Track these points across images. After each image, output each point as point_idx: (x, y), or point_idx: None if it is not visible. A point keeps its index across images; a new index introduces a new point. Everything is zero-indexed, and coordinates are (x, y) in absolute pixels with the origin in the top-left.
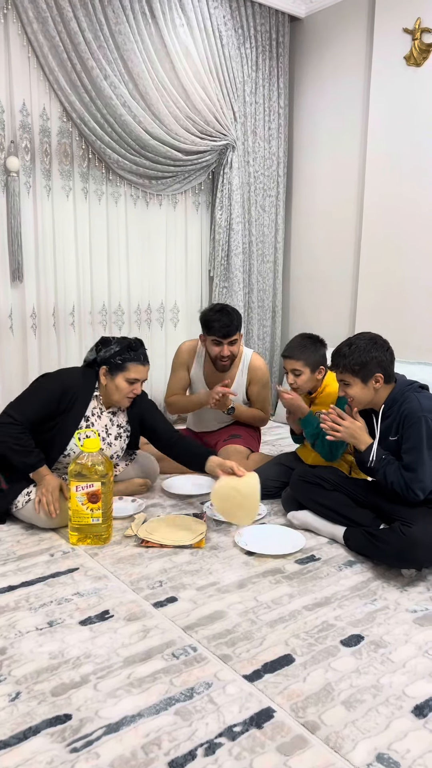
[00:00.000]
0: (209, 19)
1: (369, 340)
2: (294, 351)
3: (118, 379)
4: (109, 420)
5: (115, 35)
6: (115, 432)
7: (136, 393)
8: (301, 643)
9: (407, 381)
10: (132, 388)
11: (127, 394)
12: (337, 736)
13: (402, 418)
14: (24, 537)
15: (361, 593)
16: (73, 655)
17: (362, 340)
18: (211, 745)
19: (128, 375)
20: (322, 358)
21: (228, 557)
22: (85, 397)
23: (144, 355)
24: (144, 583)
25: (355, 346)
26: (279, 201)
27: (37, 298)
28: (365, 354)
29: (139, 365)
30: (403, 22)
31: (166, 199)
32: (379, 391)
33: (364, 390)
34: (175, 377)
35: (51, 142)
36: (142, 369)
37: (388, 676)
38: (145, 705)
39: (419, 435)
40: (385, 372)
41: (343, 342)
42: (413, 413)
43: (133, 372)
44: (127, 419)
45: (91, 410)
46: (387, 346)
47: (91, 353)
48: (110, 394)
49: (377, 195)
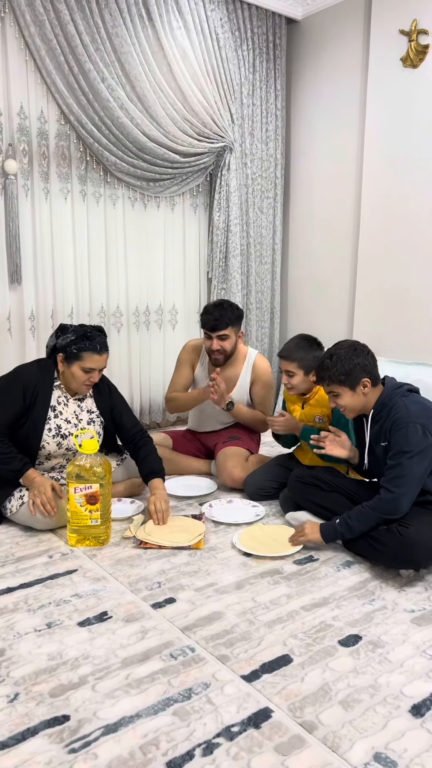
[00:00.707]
0: (206, 22)
1: (349, 348)
2: (289, 352)
3: (74, 367)
4: (77, 407)
5: (112, 38)
6: (86, 417)
7: (92, 381)
8: (299, 643)
9: (396, 384)
10: (88, 376)
11: (84, 382)
12: (334, 736)
13: (390, 424)
14: (23, 539)
15: (359, 593)
16: (72, 657)
17: (342, 350)
18: (209, 745)
19: (83, 364)
20: (316, 359)
21: (226, 558)
22: (46, 388)
23: (101, 344)
24: (142, 584)
25: (336, 357)
26: (277, 203)
27: (35, 301)
28: (348, 362)
29: (94, 354)
30: (400, 24)
31: (164, 201)
32: (369, 395)
33: (354, 397)
34: (178, 374)
35: (49, 145)
36: (98, 358)
37: (386, 675)
38: (143, 706)
39: (405, 441)
40: (370, 375)
41: (324, 355)
42: (401, 419)
43: (88, 361)
44: (96, 407)
45: (56, 400)
46: (367, 350)
47: (51, 339)
48: (68, 381)
49: (375, 196)
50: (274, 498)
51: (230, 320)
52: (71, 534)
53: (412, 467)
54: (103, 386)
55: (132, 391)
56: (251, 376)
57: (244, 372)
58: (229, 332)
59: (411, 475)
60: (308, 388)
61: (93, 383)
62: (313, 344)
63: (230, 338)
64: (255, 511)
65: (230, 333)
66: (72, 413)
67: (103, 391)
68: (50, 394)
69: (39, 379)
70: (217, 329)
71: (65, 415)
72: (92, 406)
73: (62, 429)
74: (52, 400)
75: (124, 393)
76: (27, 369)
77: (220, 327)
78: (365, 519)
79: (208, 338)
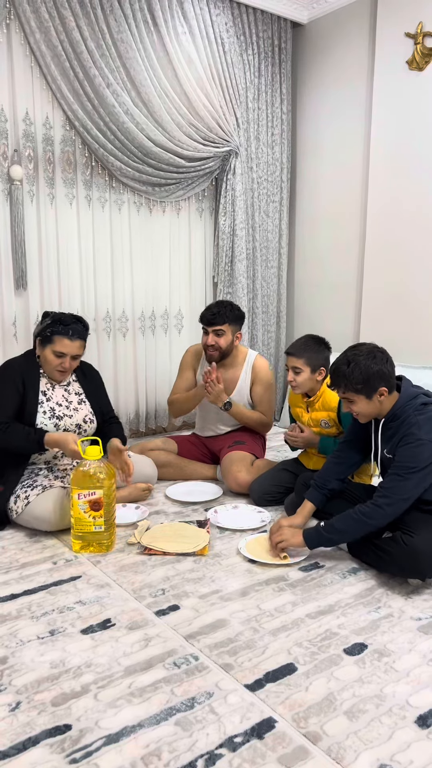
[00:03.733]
0: (211, 27)
1: (368, 355)
2: (297, 349)
3: (46, 350)
4: (64, 390)
5: (117, 43)
6: (75, 399)
7: (64, 367)
8: (303, 651)
9: (411, 392)
10: (60, 361)
11: (56, 367)
12: (339, 747)
13: (399, 440)
14: (27, 545)
15: (365, 601)
16: (74, 665)
17: (361, 356)
18: (211, 756)
19: (54, 347)
20: (325, 361)
21: (231, 565)
22: (33, 376)
23: (74, 331)
24: (146, 591)
25: (354, 364)
26: (282, 206)
27: (41, 306)
28: (366, 370)
29: (65, 339)
30: (405, 27)
31: (169, 206)
32: (384, 402)
33: (370, 405)
34: (181, 378)
35: (54, 151)
36: (69, 343)
37: (392, 685)
38: (145, 715)
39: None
40: (387, 384)
41: (340, 360)
42: (410, 436)
43: (58, 345)
44: (82, 389)
45: (44, 386)
46: (386, 357)
47: (36, 327)
48: (44, 366)
49: (381, 199)
50: (280, 503)
51: (228, 317)
52: (75, 540)
53: (414, 481)
54: (87, 370)
55: (138, 396)
56: (251, 377)
57: (243, 373)
58: (226, 329)
59: (411, 488)
60: (312, 387)
61: (65, 370)
62: (321, 344)
63: (226, 335)
64: (260, 516)
65: (227, 330)
66: (61, 396)
67: (88, 375)
68: (38, 381)
69: (25, 367)
70: (213, 323)
71: (55, 399)
72: (78, 388)
73: (56, 411)
74: (41, 386)
75: (129, 398)
76: (13, 360)
77: (217, 322)
78: (352, 525)
79: (205, 333)
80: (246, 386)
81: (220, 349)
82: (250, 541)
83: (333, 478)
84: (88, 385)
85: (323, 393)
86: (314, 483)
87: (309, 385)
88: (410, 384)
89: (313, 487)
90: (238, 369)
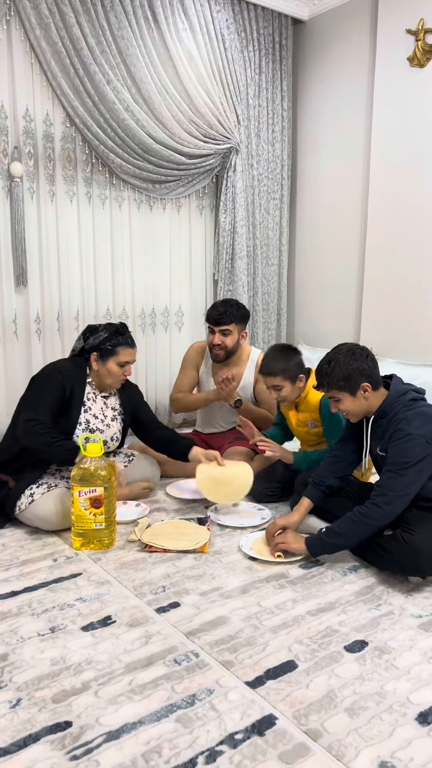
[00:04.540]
0: (212, 23)
1: (347, 353)
2: (270, 367)
3: (109, 363)
4: (103, 403)
5: (117, 40)
6: (110, 414)
7: (127, 375)
8: (304, 648)
9: (400, 389)
10: (123, 370)
11: (120, 376)
12: (339, 744)
13: (389, 436)
14: (27, 542)
15: (365, 598)
16: (75, 662)
17: (341, 354)
18: (212, 752)
19: (119, 359)
20: (299, 366)
21: (231, 562)
22: (81, 383)
23: (131, 338)
24: (147, 588)
25: (334, 362)
26: (283, 204)
27: (41, 303)
28: (346, 367)
29: (128, 348)
30: (407, 23)
31: (169, 203)
32: (370, 399)
33: (355, 402)
34: (184, 375)
35: (54, 147)
36: (132, 351)
37: (393, 682)
38: (146, 712)
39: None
40: (370, 379)
41: (323, 360)
42: (401, 431)
43: (122, 355)
44: (120, 404)
45: (86, 396)
46: (366, 354)
47: (79, 342)
48: (103, 378)
49: (381, 196)
50: (280, 500)
51: (234, 317)
52: (76, 537)
53: (409, 477)
54: (128, 382)
55: None
56: (255, 375)
57: (247, 371)
58: (232, 328)
59: (407, 484)
60: (298, 394)
61: (127, 377)
62: (288, 351)
63: (232, 334)
64: (261, 514)
65: (233, 329)
66: (99, 409)
67: (128, 388)
68: (83, 389)
69: (74, 373)
70: (220, 323)
71: (93, 410)
72: (116, 403)
73: (90, 424)
74: (84, 396)
75: None
76: (62, 363)
77: (224, 321)
78: (353, 526)
79: (211, 332)
80: (250, 384)
81: (227, 348)
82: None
83: (330, 476)
84: (128, 399)
85: (307, 394)
86: (312, 480)
87: (294, 395)
88: (400, 381)
89: (310, 484)
90: (242, 367)
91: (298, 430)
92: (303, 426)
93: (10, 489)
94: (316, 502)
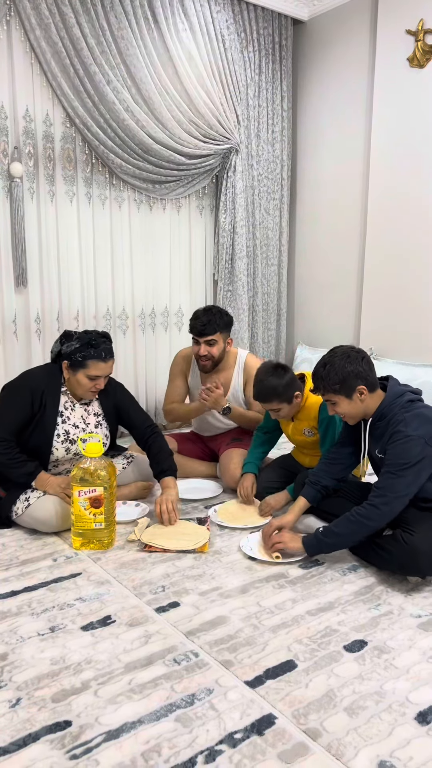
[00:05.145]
0: (212, 24)
1: (342, 356)
2: (265, 395)
3: (78, 375)
4: (84, 410)
5: (117, 40)
6: (93, 421)
7: (98, 388)
8: (303, 648)
9: (397, 391)
10: (93, 383)
11: (90, 389)
12: (338, 743)
13: (388, 438)
14: (27, 542)
15: (364, 598)
16: (75, 661)
17: (336, 357)
18: (211, 752)
19: (88, 372)
20: (291, 384)
21: (231, 562)
22: (54, 394)
23: (106, 351)
24: (146, 588)
25: (330, 365)
26: (283, 204)
27: (41, 303)
28: (341, 370)
29: (99, 362)
30: (406, 24)
31: (169, 203)
32: (367, 401)
33: (352, 404)
34: (173, 385)
35: (54, 148)
36: (103, 365)
37: (392, 682)
38: (145, 711)
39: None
40: (366, 382)
41: (318, 363)
42: (398, 433)
43: (92, 369)
44: (102, 408)
45: (63, 405)
46: (362, 356)
47: (56, 346)
48: (73, 388)
49: (382, 196)
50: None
51: (218, 326)
52: (75, 537)
53: (408, 478)
54: (109, 387)
55: (138, 394)
56: (243, 378)
57: (236, 374)
58: (217, 338)
59: (405, 485)
60: (297, 409)
61: (99, 390)
62: (278, 370)
63: (218, 344)
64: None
65: (218, 338)
66: (79, 418)
67: (109, 392)
68: (58, 400)
69: (47, 384)
70: (204, 334)
71: (73, 419)
72: (98, 408)
73: (70, 434)
74: (60, 405)
75: None
76: (34, 374)
77: (208, 332)
78: (351, 527)
79: (196, 343)
80: (239, 387)
81: (213, 358)
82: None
83: (327, 477)
84: (107, 402)
85: (304, 404)
86: (308, 480)
87: (294, 411)
88: (397, 383)
89: (307, 484)
90: (229, 371)
91: (294, 438)
92: (299, 434)
93: (1, 498)
94: (312, 502)
